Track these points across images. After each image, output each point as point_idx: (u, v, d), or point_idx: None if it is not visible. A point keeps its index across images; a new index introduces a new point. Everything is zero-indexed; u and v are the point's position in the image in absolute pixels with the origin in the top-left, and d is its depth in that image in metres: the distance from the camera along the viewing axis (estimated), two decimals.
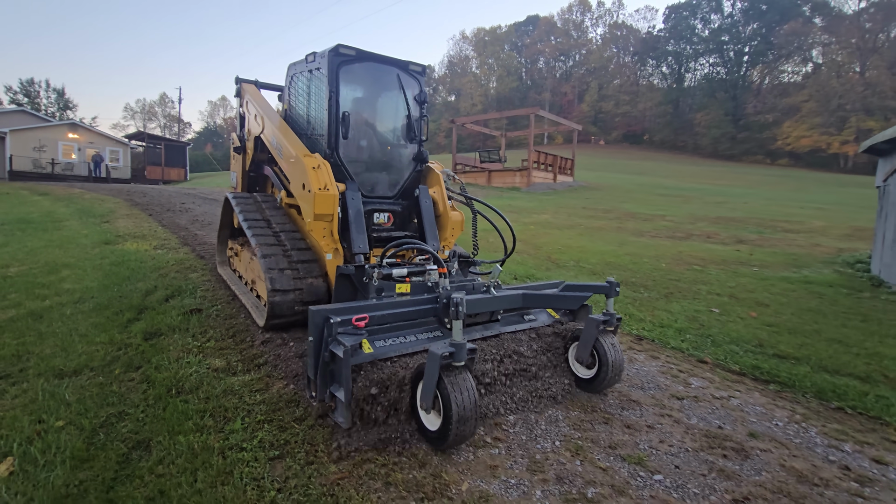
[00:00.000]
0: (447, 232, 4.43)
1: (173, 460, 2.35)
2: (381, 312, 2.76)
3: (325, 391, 2.53)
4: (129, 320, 4.38)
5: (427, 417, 2.48)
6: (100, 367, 3.47)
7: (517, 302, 3.31)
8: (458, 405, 2.30)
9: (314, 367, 2.54)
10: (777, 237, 10.94)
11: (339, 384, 2.47)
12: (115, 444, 2.53)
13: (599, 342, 3.13)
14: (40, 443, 2.52)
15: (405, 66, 4.35)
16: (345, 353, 2.37)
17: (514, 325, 3.41)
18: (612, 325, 3.17)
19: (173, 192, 18.33)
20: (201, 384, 3.11)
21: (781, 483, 2.38)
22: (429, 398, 2.38)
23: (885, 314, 5.35)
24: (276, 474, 2.26)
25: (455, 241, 4.67)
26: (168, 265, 6.31)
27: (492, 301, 3.15)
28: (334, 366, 2.50)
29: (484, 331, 3.22)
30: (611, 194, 21.21)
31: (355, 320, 2.55)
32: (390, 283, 3.29)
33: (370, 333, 2.71)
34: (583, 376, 3.27)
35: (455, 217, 4.48)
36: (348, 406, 2.43)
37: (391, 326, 2.87)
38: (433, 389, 2.36)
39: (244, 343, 3.82)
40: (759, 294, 6.08)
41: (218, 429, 2.62)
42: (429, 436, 2.48)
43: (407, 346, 2.82)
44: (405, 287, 3.31)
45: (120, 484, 2.23)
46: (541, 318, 3.62)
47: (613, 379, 3.17)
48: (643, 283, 6.50)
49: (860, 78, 60.65)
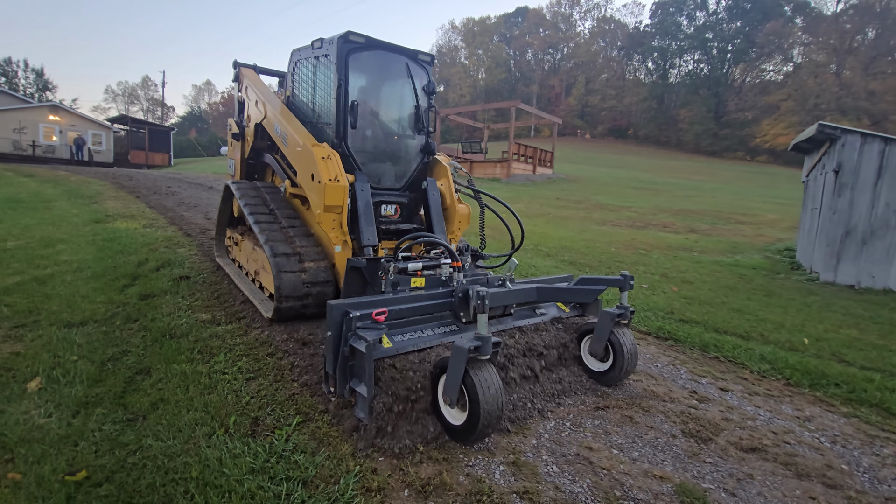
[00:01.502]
0: (454, 225, 4.38)
1: (169, 380, 3.01)
2: (400, 307, 2.75)
3: (344, 386, 2.52)
4: (125, 285, 4.98)
5: (450, 412, 2.47)
6: (102, 319, 4.08)
7: (532, 296, 3.31)
8: (485, 399, 2.30)
9: (333, 363, 2.52)
10: (728, 228, 11.84)
11: (360, 379, 2.45)
12: (122, 370, 3.18)
13: (614, 335, 3.16)
14: (60, 369, 3.15)
15: (414, 56, 4.26)
16: (367, 347, 2.35)
17: (527, 320, 3.38)
18: (627, 317, 3.20)
19: (159, 176, 18.61)
20: (191, 331, 3.76)
21: (638, 398, 3.14)
22: (454, 392, 2.36)
23: (787, 291, 6.21)
24: (251, 389, 2.94)
25: (461, 235, 4.63)
26: (157, 241, 6.87)
27: (509, 295, 3.16)
28: (354, 361, 2.48)
29: (498, 325, 3.19)
30: (586, 186, 22.05)
31: (375, 315, 2.54)
32: (405, 277, 3.25)
33: (388, 328, 2.67)
34: (596, 369, 3.29)
35: (462, 210, 4.43)
36: (370, 401, 2.41)
37: (408, 321, 2.85)
38: (458, 384, 2.34)
39: (227, 303, 4.46)
40: (688, 274, 6.90)
41: (205, 361, 3.29)
42: (452, 430, 2.46)
43: (424, 340, 2.76)
44: (420, 281, 3.28)
45: (128, 395, 2.89)
46: (551, 313, 3.61)
47: (629, 371, 3.21)
48: (589, 263, 7.27)
49: (836, 78, 62.38)
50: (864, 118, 56.93)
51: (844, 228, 6.42)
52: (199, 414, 2.62)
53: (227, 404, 2.73)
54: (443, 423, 2.50)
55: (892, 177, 6.14)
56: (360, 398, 2.46)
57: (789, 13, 72.51)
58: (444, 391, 2.44)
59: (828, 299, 5.90)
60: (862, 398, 3.38)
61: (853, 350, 4.24)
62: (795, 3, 72.39)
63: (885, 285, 6.18)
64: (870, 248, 6.29)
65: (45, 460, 2.26)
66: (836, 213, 6.49)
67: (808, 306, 5.58)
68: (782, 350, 4.22)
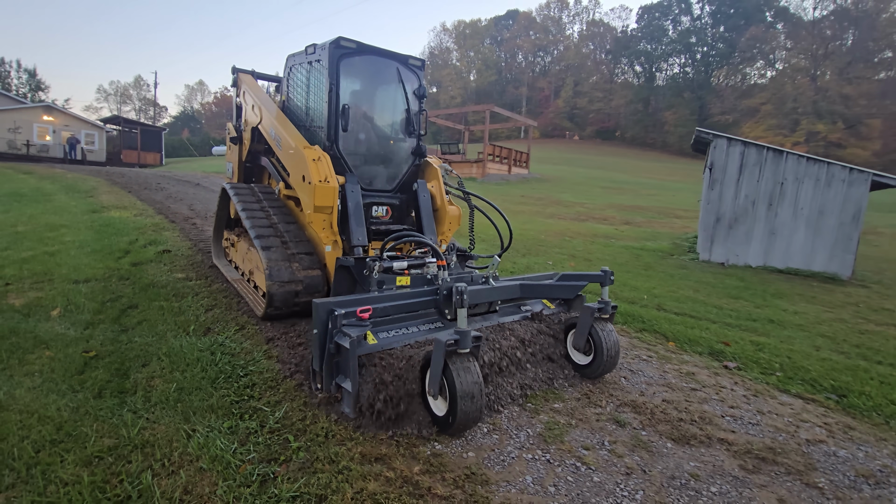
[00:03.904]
0: (444, 226, 4.45)
1: (151, 310, 4.28)
2: (384, 304, 2.81)
3: (330, 382, 2.61)
4: (119, 257, 6.24)
5: (435, 403, 2.57)
6: (102, 278, 5.34)
7: (515, 292, 3.39)
8: (462, 390, 2.38)
9: (319, 359, 2.60)
10: (662, 221, 13.24)
11: (346, 375, 2.54)
12: (117, 305, 4.45)
13: (595, 329, 3.23)
14: (73, 305, 4.41)
15: (405, 61, 4.37)
16: (351, 344, 2.43)
17: (512, 316, 3.49)
18: (607, 312, 3.27)
19: (149, 174, 19.77)
20: (169, 283, 5.03)
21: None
22: (435, 384, 2.47)
23: (664, 267, 7.57)
24: (208, 314, 4.22)
25: (452, 236, 4.72)
26: (146, 226, 8.12)
27: (491, 292, 3.23)
28: (339, 357, 2.57)
29: (483, 321, 3.27)
30: (556, 185, 23.44)
31: (360, 312, 2.61)
32: (391, 275, 3.34)
33: (373, 325, 2.75)
34: (580, 362, 3.39)
35: (452, 212, 4.52)
36: (356, 396, 2.49)
37: (393, 318, 2.91)
38: (439, 376, 2.44)
39: (200, 268, 5.74)
40: (593, 255, 8.24)
41: (178, 300, 4.56)
42: (437, 420, 2.58)
43: (409, 337, 2.84)
44: (405, 280, 3.35)
45: (122, 318, 4.16)
46: (536, 309, 3.73)
47: (609, 364, 3.29)
48: (514, 246, 8.60)
49: (812, 83, 64.36)
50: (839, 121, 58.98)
51: (716, 216, 7.79)
52: (170, 326, 3.91)
53: (189, 321, 4.02)
54: (430, 413, 2.62)
55: (750, 174, 7.51)
56: (346, 394, 2.57)
57: (770, 19, 74.65)
58: (429, 383, 2.56)
59: (692, 272, 7.27)
60: (653, 328, 4.72)
61: (675, 303, 5.59)
62: (776, 9, 74.56)
63: (745, 262, 7.55)
64: (734, 232, 7.66)
65: (69, 347, 3.53)
66: (710, 203, 7.85)
67: (672, 277, 6.94)
68: (624, 303, 5.56)
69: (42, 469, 2.16)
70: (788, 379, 3.74)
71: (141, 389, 2.92)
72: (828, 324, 5.23)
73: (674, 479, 2.35)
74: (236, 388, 2.96)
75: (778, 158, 7.38)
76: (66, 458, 2.24)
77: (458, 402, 2.39)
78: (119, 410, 2.67)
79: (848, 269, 7.11)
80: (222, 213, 5.54)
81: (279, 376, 3.13)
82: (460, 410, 2.40)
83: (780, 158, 7.37)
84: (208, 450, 2.31)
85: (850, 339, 4.76)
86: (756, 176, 7.41)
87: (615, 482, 2.29)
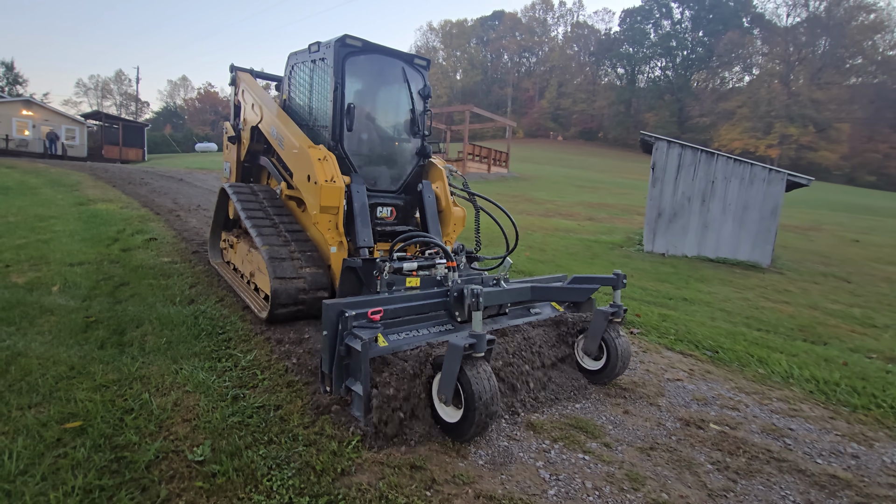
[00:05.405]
0: (449, 227, 4.42)
1: (141, 287, 4.91)
2: (395, 306, 2.79)
3: (340, 385, 2.57)
4: (108, 244, 6.81)
5: (445, 409, 2.50)
6: (94, 262, 5.92)
7: (526, 295, 3.36)
8: (480, 396, 2.33)
9: (329, 362, 2.55)
10: (623, 217, 14.15)
11: (356, 378, 2.49)
12: (110, 283, 5.06)
13: (608, 333, 3.18)
14: (70, 283, 5.01)
15: (410, 60, 4.35)
16: (363, 346, 2.38)
17: (521, 319, 3.44)
18: (620, 316, 3.21)
19: (133, 169, 20.07)
20: (156, 266, 5.65)
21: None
22: (449, 390, 2.39)
23: (609, 256, 8.41)
24: (193, 290, 4.86)
25: (456, 238, 4.70)
26: (132, 218, 8.66)
27: (504, 294, 3.21)
28: (350, 360, 2.53)
29: (493, 324, 3.23)
30: (533, 184, 24.32)
31: (371, 314, 2.57)
32: (400, 277, 3.29)
33: (383, 327, 2.71)
34: (590, 368, 3.31)
35: (457, 213, 4.48)
36: (366, 400, 2.44)
37: (403, 320, 2.89)
38: (454, 381, 2.37)
39: (184, 254, 6.35)
40: (548, 246, 9.04)
41: (164, 278, 5.19)
42: (446, 427, 2.49)
43: (420, 339, 2.80)
44: (415, 281, 3.31)
45: (116, 293, 4.78)
46: (545, 312, 3.66)
47: (622, 369, 3.23)
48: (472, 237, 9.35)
49: (785, 88, 66.65)
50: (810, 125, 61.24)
51: (657, 211, 8.65)
52: (159, 298, 4.55)
53: (175, 294, 4.67)
54: (437, 420, 2.55)
55: (686, 173, 8.39)
56: (357, 397, 2.53)
57: (747, 24, 77.00)
58: (439, 389, 2.47)
59: (633, 261, 8.11)
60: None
61: None
62: (753, 15, 76.96)
63: (682, 252, 8.43)
64: (673, 225, 8.53)
65: (71, 314, 4.15)
66: (652, 199, 8.72)
67: (613, 264, 7.76)
68: None
69: (62, 392, 2.81)
70: (678, 341, 4.55)
71: (136, 343, 3.58)
72: (732, 301, 6.10)
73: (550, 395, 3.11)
74: (215, 342, 3.64)
75: (710, 159, 8.27)
76: (80, 385, 2.90)
77: (476, 407, 2.34)
78: (119, 357, 3.33)
79: (767, 257, 8.03)
80: (220, 213, 5.51)
81: (251, 334, 3.81)
82: (478, 416, 2.35)
83: (712, 159, 8.26)
84: (193, 379, 2.99)
85: (744, 312, 5.62)
86: (691, 175, 8.29)
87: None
